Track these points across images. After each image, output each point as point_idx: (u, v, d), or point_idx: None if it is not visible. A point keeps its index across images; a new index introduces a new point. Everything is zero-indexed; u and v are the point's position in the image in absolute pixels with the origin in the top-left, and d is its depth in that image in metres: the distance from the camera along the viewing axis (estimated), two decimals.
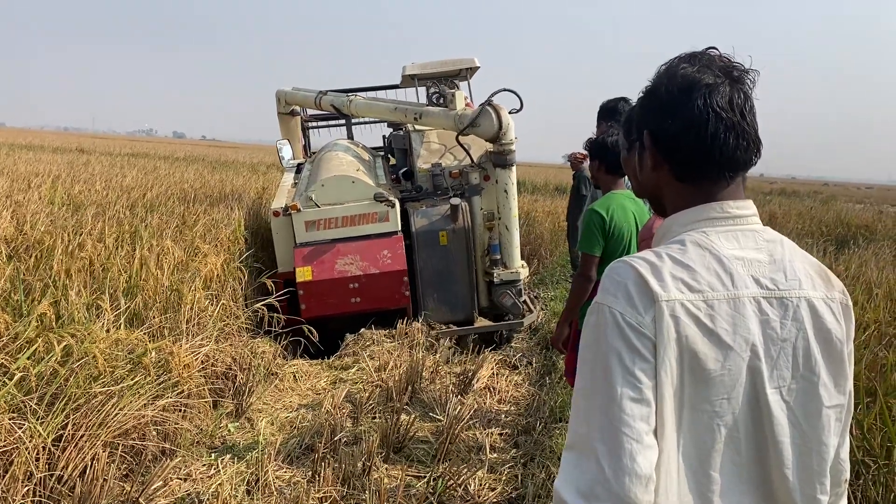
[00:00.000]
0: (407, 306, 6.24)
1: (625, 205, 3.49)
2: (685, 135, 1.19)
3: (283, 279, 6.20)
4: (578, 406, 1.11)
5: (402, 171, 7.08)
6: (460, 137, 6.39)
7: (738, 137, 1.18)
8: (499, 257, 6.54)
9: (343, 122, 8.73)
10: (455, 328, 6.41)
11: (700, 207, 1.21)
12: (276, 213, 6.45)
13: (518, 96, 6.61)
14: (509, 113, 6.26)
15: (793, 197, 30.16)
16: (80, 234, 5.26)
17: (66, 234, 5.20)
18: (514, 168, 6.45)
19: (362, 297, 6.12)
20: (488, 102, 6.20)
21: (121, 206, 6.99)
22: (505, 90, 6.46)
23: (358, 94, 7.65)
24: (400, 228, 6.37)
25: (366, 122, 8.79)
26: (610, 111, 4.17)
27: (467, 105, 6.70)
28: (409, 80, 7.61)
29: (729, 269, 1.14)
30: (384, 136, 8.51)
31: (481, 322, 6.52)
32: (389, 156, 8.11)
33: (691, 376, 1.09)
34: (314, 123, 9.18)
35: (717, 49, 1.23)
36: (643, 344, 1.07)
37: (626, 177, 3.55)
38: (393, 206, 6.33)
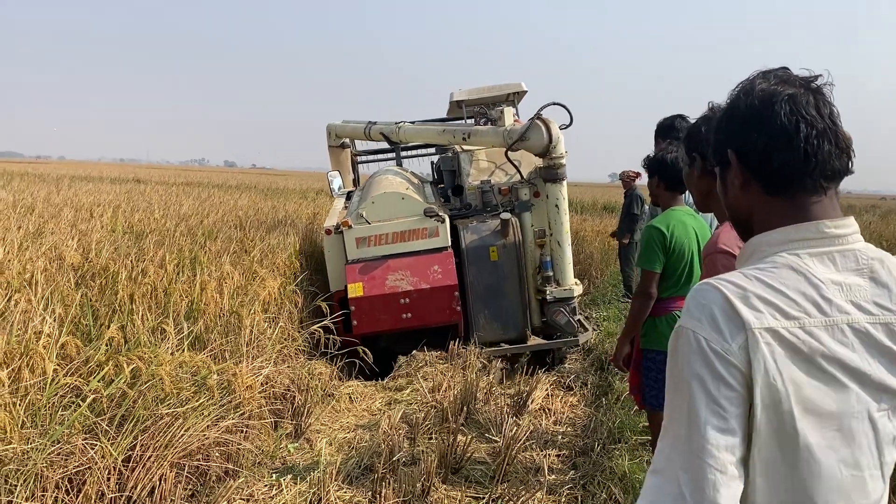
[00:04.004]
0: (458, 322, 6.19)
1: (685, 221, 3.46)
2: (775, 145, 1.14)
3: (336, 298, 6.26)
4: (665, 430, 1.09)
5: (450, 188, 7.11)
6: (510, 153, 6.34)
7: (830, 143, 1.13)
8: (551, 274, 6.44)
9: (392, 156, 8.78)
10: (507, 346, 6.34)
11: (793, 227, 1.15)
12: (327, 232, 6.52)
13: (568, 110, 6.59)
14: (559, 128, 6.21)
15: (849, 211, 29.20)
16: (143, 261, 5.42)
17: (129, 260, 5.37)
18: (564, 183, 6.39)
19: (413, 312, 6.10)
20: (537, 116, 6.18)
21: (180, 233, 7.19)
22: (554, 104, 6.44)
23: (406, 121, 7.75)
24: (450, 244, 6.35)
25: (415, 155, 8.82)
26: (667, 129, 4.14)
27: (516, 122, 6.71)
28: (456, 107, 7.67)
29: (826, 295, 1.08)
30: (432, 163, 8.54)
31: (534, 340, 6.42)
32: (438, 180, 8.18)
33: (787, 407, 1.04)
34: (364, 158, 9.29)
35: (788, 68, 1.21)
36: (729, 372, 1.04)
37: (686, 193, 3.52)
38: (443, 221, 6.33)
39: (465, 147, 6.93)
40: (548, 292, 6.39)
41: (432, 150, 8.77)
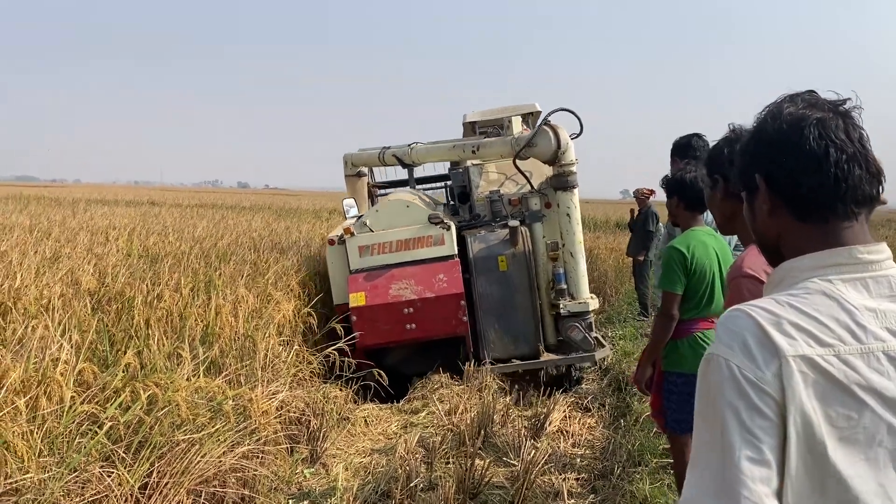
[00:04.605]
0: (465, 334, 5.96)
1: (705, 241, 3.42)
2: (805, 171, 1.12)
3: (339, 312, 6.09)
4: (695, 460, 1.06)
5: (458, 194, 6.96)
6: (518, 162, 6.18)
7: (861, 168, 1.11)
8: (564, 287, 6.22)
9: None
10: (519, 363, 6.11)
11: (825, 252, 1.13)
12: (330, 242, 6.40)
13: (578, 117, 6.39)
14: (570, 137, 6.09)
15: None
16: (159, 285, 5.43)
17: (144, 284, 5.38)
18: (576, 191, 6.20)
19: (417, 323, 5.89)
20: (545, 122, 6.04)
21: (194, 256, 7.20)
22: (563, 110, 6.28)
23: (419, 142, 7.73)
24: (456, 252, 6.16)
25: (431, 187, 8.68)
26: (684, 147, 4.12)
27: (524, 131, 6.64)
28: (470, 129, 7.66)
29: (860, 322, 1.05)
30: (445, 185, 8.48)
31: (548, 356, 6.18)
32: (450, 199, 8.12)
33: (820, 437, 1.01)
34: (381, 191, 9.24)
35: (815, 91, 1.19)
36: (763, 401, 1.00)
37: (706, 213, 3.49)
38: (448, 228, 6.16)
39: (476, 162, 6.88)
40: (561, 306, 6.16)
41: (449, 181, 8.72)
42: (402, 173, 8.01)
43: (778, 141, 1.15)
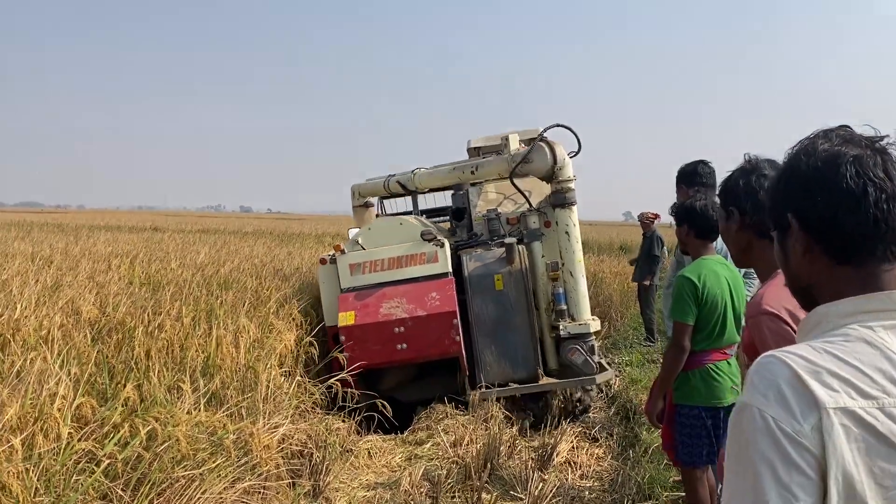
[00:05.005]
0: (458, 354, 5.72)
1: (717, 270, 3.37)
2: (841, 210, 1.07)
3: (330, 334, 5.92)
4: None
5: (454, 212, 6.77)
6: (518, 181, 6.04)
7: None
8: (564, 308, 5.99)
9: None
10: (517, 386, 5.87)
11: (864, 297, 1.07)
12: (322, 261, 6.26)
13: (575, 135, 6.22)
14: (568, 155, 5.97)
15: None
16: (160, 314, 5.36)
17: (145, 314, 5.31)
18: (574, 208, 6.02)
19: (409, 343, 5.65)
20: (541, 137, 5.92)
21: (196, 283, 7.14)
22: (560, 126, 6.12)
23: (422, 167, 7.69)
24: (450, 270, 5.97)
25: (438, 220, 8.58)
26: (690, 175, 4.08)
27: (521, 148, 6.56)
28: (475, 154, 7.64)
29: None
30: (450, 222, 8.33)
31: (547, 380, 5.93)
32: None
33: (866, 495, 0.95)
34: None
35: (849, 126, 1.14)
36: (802, 456, 0.94)
37: (717, 242, 3.43)
38: (442, 245, 6.00)
39: (477, 182, 6.82)
40: (561, 327, 5.94)
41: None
42: (411, 204, 7.97)
43: (812, 179, 1.10)
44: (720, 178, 2.27)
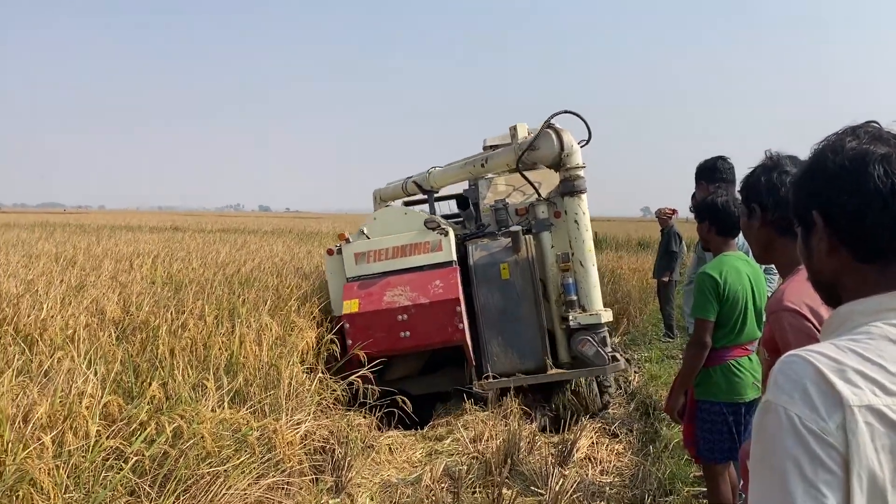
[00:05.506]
0: (462, 343, 5.68)
1: (738, 267, 3.36)
2: (868, 209, 1.06)
3: (338, 323, 5.93)
4: None
5: (459, 203, 6.74)
6: (528, 173, 5.97)
7: None
8: (574, 298, 5.87)
9: None
10: (524, 377, 5.82)
11: (889, 295, 1.07)
12: (329, 252, 6.28)
13: (585, 121, 6.10)
14: (579, 145, 5.90)
15: None
16: (183, 313, 5.44)
17: (169, 313, 5.39)
18: (584, 196, 5.93)
19: (412, 331, 5.62)
20: (547, 124, 5.84)
21: (217, 282, 7.22)
22: (568, 112, 6.02)
23: (437, 166, 7.69)
24: (455, 259, 5.94)
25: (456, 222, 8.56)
26: (710, 171, 4.06)
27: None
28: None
29: None
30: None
31: (555, 371, 5.85)
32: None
33: (888, 493, 0.95)
34: None
35: (877, 122, 1.13)
36: (828, 454, 0.94)
37: (738, 238, 3.42)
38: (446, 234, 5.96)
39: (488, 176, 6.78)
40: (571, 318, 5.84)
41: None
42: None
43: (839, 177, 1.10)
44: (740, 174, 2.27)
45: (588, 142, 6.19)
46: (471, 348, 5.80)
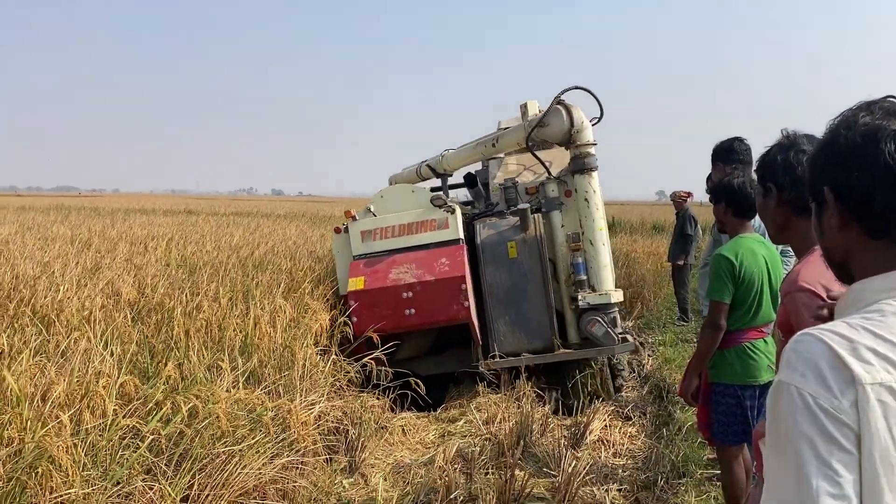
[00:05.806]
0: (468, 320, 5.63)
1: (754, 249, 3.33)
2: (879, 186, 1.05)
3: (346, 301, 5.90)
4: (768, 496, 0.99)
5: (468, 182, 6.71)
6: (533, 147, 5.90)
7: None
8: (584, 278, 5.79)
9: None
10: (531, 356, 5.77)
11: None
12: (336, 230, 6.29)
13: (596, 98, 5.97)
14: (590, 123, 5.82)
15: None
16: (197, 295, 5.47)
17: (183, 295, 5.43)
18: (594, 174, 5.82)
19: (417, 308, 5.59)
20: (557, 100, 5.74)
21: (231, 265, 7.26)
22: (579, 88, 5.89)
23: (450, 149, 7.66)
24: (461, 237, 5.89)
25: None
26: (726, 152, 4.02)
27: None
28: None
29: None
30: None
31: (563, 351, 5.80)
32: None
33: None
34: None
35: (895, 97, 1.11)
36: (842, 432, 0.93)
37: (755, 220, 3.39)
38: (453, 211, 5.92)
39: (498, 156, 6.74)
40: (580, 297, 5.75)
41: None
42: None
43: (851, 153, 1.08)
44: (756, 154, 2.24)
45: (600, 119, 6.10)
46: (477, 328, 5.78)
